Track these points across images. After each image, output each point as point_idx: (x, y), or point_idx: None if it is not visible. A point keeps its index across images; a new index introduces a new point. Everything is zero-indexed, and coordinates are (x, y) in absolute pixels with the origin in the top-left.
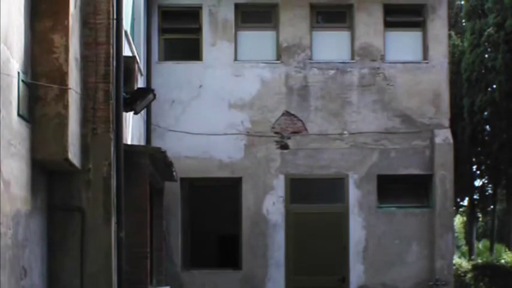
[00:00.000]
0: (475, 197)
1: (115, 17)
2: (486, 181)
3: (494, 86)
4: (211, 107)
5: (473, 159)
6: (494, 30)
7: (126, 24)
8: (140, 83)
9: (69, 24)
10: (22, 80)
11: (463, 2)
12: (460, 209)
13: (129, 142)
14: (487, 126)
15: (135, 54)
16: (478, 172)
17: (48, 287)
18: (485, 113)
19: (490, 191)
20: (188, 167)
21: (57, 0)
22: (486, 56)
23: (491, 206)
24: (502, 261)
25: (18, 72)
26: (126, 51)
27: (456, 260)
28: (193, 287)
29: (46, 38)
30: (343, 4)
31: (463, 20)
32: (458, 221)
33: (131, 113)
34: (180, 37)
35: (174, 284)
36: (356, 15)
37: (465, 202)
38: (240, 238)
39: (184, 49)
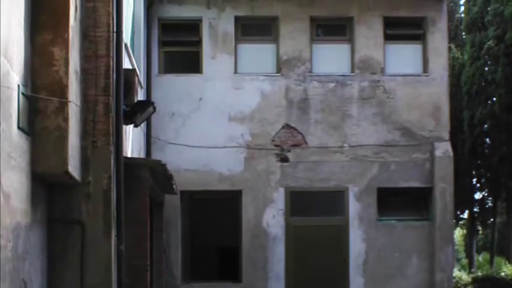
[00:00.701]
0: (475, 209)
1: (115, 29)
2: (486, 194)
3: (494, 99)
4: (211, 120)
5: (473, 172)
6: (494, 43)
7: (126, 37)
8: (140, 95)
9: (69, 37)
10: (22, 93)
11: (463, 15)
12: (460, 222)
13: (129, 155)
14: (487, 139)
15: (135, 67)
16: (478, 185)
17: None
18: (485, 126)
19: (490, 204)
20: (188, 179)
21: (57, 13)
22: (486, 68)
23: (491, 219)
24: (502, 274)
25: (18, 85)
26: (126, 64)
27: (456, 272)
28: None
29: (46, 51)
30: (343, 17)
31: (463, 33)
32: (458, 233)
33: (131, 126)
34: (180, 50)
35: None
36: (356, 28)
37: (465, 215)
38: (240, 251)
39: (184, 62)
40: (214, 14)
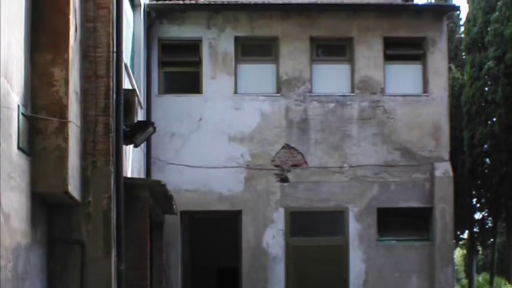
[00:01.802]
0: (475, 230)
1: (115, 50)
2: (486, 214)
3: (494, 119)
4: (211, 140)
5: (473, 192)
6: (494, 64)
7: (126, 57)
8: (140, 116)
9: (69, 58)
10: (22, 113)
11: (463, 35)
12: (460, 242)
13: (129, 175)
14: (487, 159)
15: (135, 87)
16: (478, 205)
17: None
18: (485, 146)
19: (490, 224)
20: (188, 200)
21: (57, 34)
22: (486, 89)
23: (491, 239)
24: None
25: (18, 105)
26: (126, 84)
27: None
28: None
29: (46, 71)
30: (343, 37)
31: (463, 53)
32: (458, 254)
33: (131, 146)
34: (180, 70)
35: None
36: (356, 48)
37: (465, 235)
38: (240, 271)
39: (184, 82)
40: (214, 35)
